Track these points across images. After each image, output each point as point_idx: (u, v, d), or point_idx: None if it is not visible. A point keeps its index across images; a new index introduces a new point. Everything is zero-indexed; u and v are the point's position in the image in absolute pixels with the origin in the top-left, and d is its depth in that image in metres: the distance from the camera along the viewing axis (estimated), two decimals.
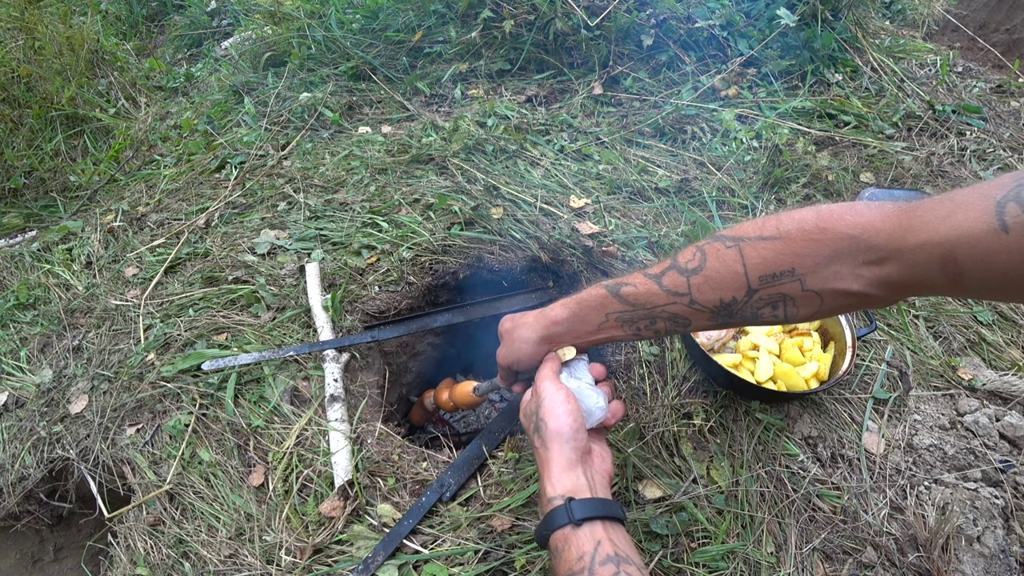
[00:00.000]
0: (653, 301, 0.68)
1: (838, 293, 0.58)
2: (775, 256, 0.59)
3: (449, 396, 1.24)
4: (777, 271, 0.60)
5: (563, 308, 0.76)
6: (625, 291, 0.70)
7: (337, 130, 1.81)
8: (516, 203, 1.46)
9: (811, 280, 0.58)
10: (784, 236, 0.59)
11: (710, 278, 0.63)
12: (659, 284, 0.67)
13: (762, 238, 0.61)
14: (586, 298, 0.74)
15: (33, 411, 1.20)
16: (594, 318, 0.74)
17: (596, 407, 0.75)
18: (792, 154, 1.52)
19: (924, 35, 2.24)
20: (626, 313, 0.71)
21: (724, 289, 0.63)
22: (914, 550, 0.90)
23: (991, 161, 1.60)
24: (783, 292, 0.60)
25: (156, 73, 2.38)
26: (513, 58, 1.90)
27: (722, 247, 0.63)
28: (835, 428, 1.04)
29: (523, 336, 0.79)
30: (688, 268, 0.65)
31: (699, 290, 0.64)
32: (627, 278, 0.71)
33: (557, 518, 0.63)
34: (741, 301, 0.63)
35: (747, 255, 0.61)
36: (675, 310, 0.67)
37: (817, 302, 0.60)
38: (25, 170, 1.86)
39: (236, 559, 0.94)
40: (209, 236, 1.48)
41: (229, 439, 1.07)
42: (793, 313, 0.62)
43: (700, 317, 0.66)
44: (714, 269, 0.63)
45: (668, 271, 0.67)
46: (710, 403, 1.04)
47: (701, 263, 0.64)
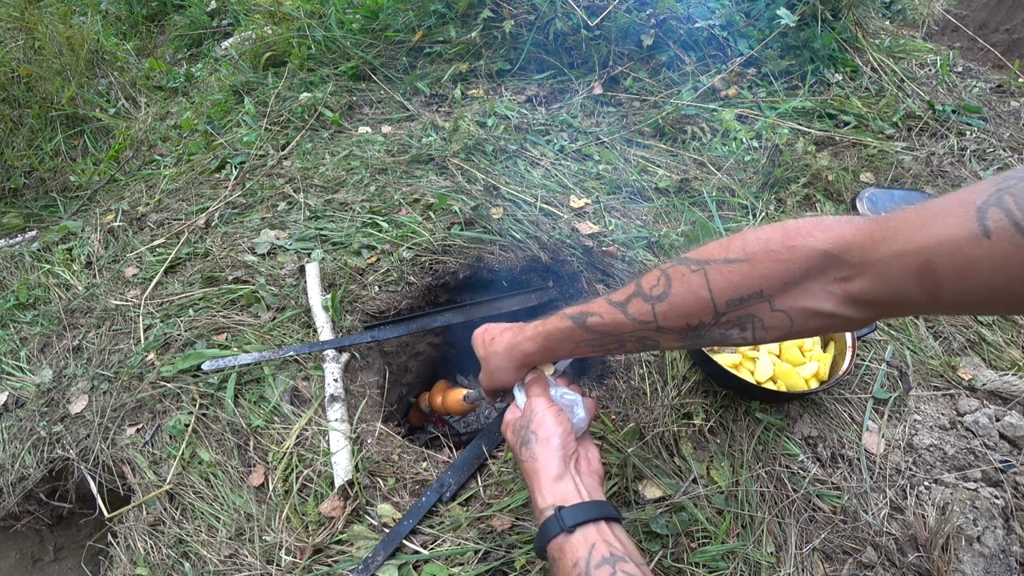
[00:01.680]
0: (619, 329, 0.67)
1: (809, 313, 0.56)
2: (741, 279, 0.58)
3: (442, 401, 1.24)
4: (744, 295, 0.58)
5: (532, 342, 0.76)
6: (591, 321, 0.69)
7: (337, 130, 1.81)
8: (516, 203, 1.46)
9: (780, 300, 0.57)
10: (750, 258, 0.57)
11: (675, 305, 0.62)
12: (624, 313, 0.66)
13: (727, 260, 0.59)
14: (553, 332, 0.74)
15: (33, 411, 1.20)
16: (564, 348, 0.75)
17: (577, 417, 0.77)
18: (792, 154, 1.52)
19: (924, 35, 2.24)
20: (594, 340, 0.71)
21: (690, 315, 0.61)
22: (914, 550, 0.90)
23: (991, 161, 1.60)
24: (751, 313, 0.59)
25: (156, 73, 2.38)
26: (513, 58, 1.90)
27: (687, 271, 0.61)
28: (835, 428, 1.04)
29: (497, 366, 0.81)
30: (653, 295, 0.63)
31: (664, 317, 0.63)
32: (591, 306, 0.70)
33: (550, 528, 0.64)
34: (708, 324, 0.61)
35: (712, 279, 0.59)
36: (642, 334, 0.66)
37: (787, 323, 0.58)
38: (25, 170, 1.86)
39: (236, 559, 0.94)
40: (209, 236, 1.48)
41: (229, 439, 1.07)
42: (762, 335, 0.60)
43: (668, 338, 0.66)
44: (679, 295, 0.61)
45: (633, 299, 0.65)
46: (710, 403, 1.04)
47: (666, 289, 0.62)
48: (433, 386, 1.45)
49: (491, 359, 0.82)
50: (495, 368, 0.81)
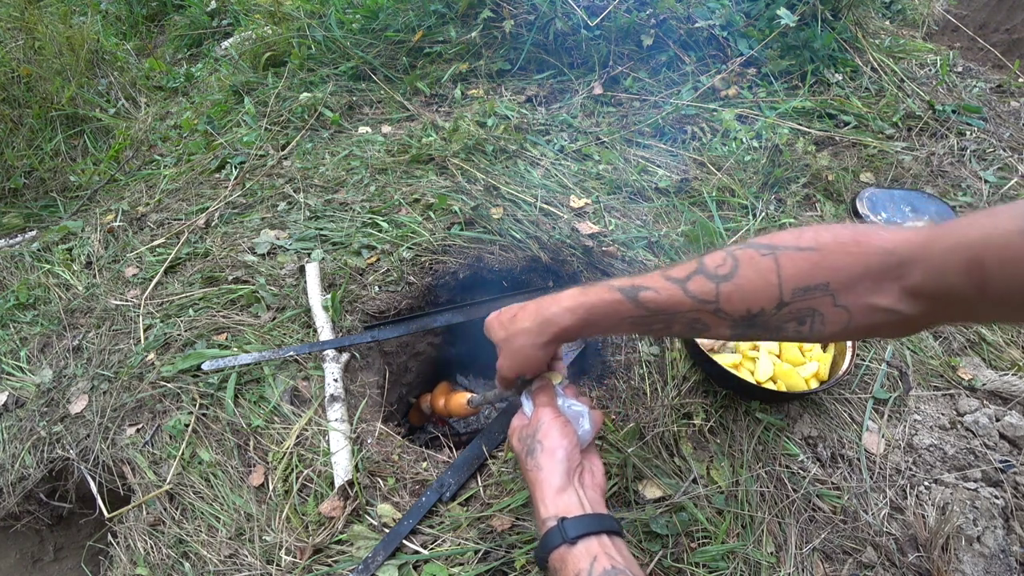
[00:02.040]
0: (675, 307, 0.63)
1: (867, 308, 0.56)
2: (811, 268, 0.57)
3: (444, 404, 1.24)
4: (811, 284, 0.57)
5: (570, 315, 0.69)
6: (644, 296, 0.64)
7: (337, 130, 1.81)
8: (516, 203, 1.46)
9: (842, 295, 0.56)
10: (821, 248, 0.57)
11: (741, 287, 0.60)
12: (684, 289, 0.62)
13: (799, 248, 0.58)
14: (597, 304, 0.67)
15: (33, 411, 1.20)
16: (606, 324, 0.69)
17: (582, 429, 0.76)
18: (792, 154, 1.52)
19: (924, 35, 2.24)
20: (642, 318, 0.65)
21: (754, 299, 0.59)
22: (914, 550, 0.90)
23: (991, 161, 1.61)
24: (813, 307, 0.58)
25: (156, 73, 2.38)
26: (513, 58, 1.90)
27: (756, 254, 0.60)
28: (835, 428, 1.04)
29: (524, 344, 0.72)
30: (718, 274, 0.61)
31: (728, 298, 0.60)
32: (643, 279, 0.65)
33: (552, 539, 0.63)
34: (769, 313, 0.59)
35: (783, 264, 0.58)
36: (696, 316, 0.63)
37: (845, 318, 0.57)
38: (25, 170, 1.86)
39: (236, 559, 0.94)
40: (209, 236, 1.48)
41: (229, 439, 1.07)
42: (819, 330, 0.59)
43: (721, 325, 0.63)
44: (747, 277, 0.59)
45: (694, 275, 0.62)
46: (710, 403, 1.04)
47: (732, 270, 0.60)
48: (435, 388, 1.45)
49: (516, 338, 0.73)
50: (520, 347, 0.73)
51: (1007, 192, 1.51)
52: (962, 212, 1.45)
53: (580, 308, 0.69)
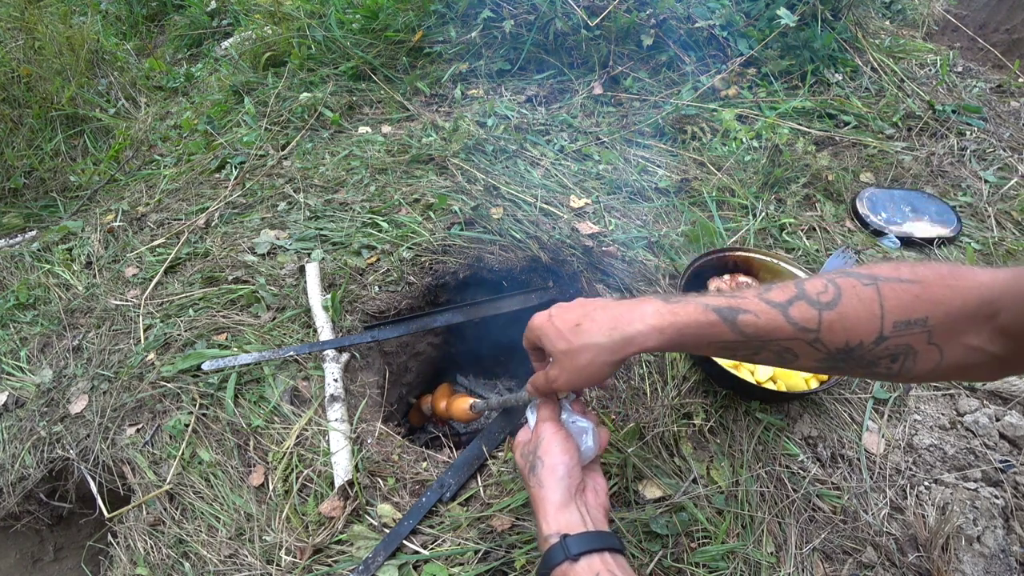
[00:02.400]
0: (773, 334, 0.59)
1: (959, 346, 0.54)
2: (912, 300, 0.55)
3: (446, 407, 1.24)
4: (912, 318, 0.55)
5: (658, 335, 0.62)
6: (743, 319, 0.59)
7: (337, 130, 1.81)
8: (516, 203, 1.46)
9: (938, 332, 0.54)
10: (921, 280, 0.55)
11: (844, 316, 0.57)
12: (785, 315, 0.58)
13: (900, 280, 0.56)
14: (691, 324, 0.61)
15: (33, 411, 1.20)
16: (692, 345, 0.63)
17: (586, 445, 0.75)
18: (792, 154, 1.52)
19: (924, 35, 2.24)
20: (735, 343, 0.61)
21: (855, 331, 0.57)
22: (914, 550, 0.90)
23: (991, 161, 1.61)
24: (909, 343, 0.55)
25: (156, 73, 2.38)
26: (513, 58, 1.90)
27: (858, 283, 0.57)
28: (835, 428, 1.04)
29: (593, 360, 0.64)
30: (821, 301, 0.58)
31: (829, 328, 0.57)
32: (740, 301, 0.61)
33: (554, 556, 0.63)
34: (867, 347, 0.57)
35: (885, 295, 0.56)
36: (790, 345, 0.59)
37: (937, 357, 0.55)
38: (25, 170, 1.86)
39: (236, 559, 0.94)
40: (209, 236, 1.48)
41: (229, 439, 1.07)
42: (909, 368, 0.57)
43: (812, 357, 0.59)
44: (850, 306, 0.57)
45: (796, 301, 0.59)
46: (710, 403, 1.04)
47: (835, 298, 0.57)
48: (435, 389, 1.45)
49: (582, 353, 0.65)
50: (587, 364, 0.65)
51: (1007, 192, 1.51)
52: (962, 212, 1.45)
53: (670, 328, 0.62)
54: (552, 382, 0.70)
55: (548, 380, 0.71)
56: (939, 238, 1.36)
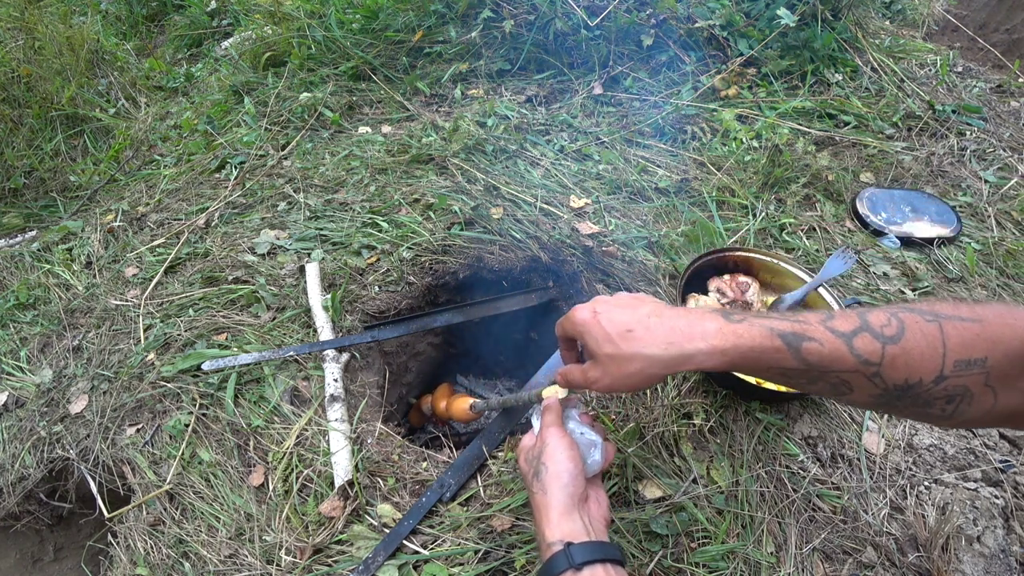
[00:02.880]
0: (835, 365, 0.57)
1: (1013, 390, 0.53)
2: (974, 339, 0.54)
3: (446, 407, 1.24)
4: (972, 357, 0.54)
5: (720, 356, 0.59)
6: (808, 347, 0.57)
7: (337, 130, 1.81)
8: (516, 203, 1.46)
9: (995, 374, 0.53)
10: (981, 319, 0.54)
11: (908, 351, 0.55)
12: (849, 346, 0.57)
13: (961, 318, 0.55)
14: (755, 348, 0.59)
15: (33, 411, 1.20)
16: (751, 369, 0.61)
17: (592, 459, 0.75)
18: (792, 154, 1.52)
19: (924, 35, 2.24)
20: (795, 370, 0.59)
21: (916, 368, 0.55)
22: (914, 550, 0.90)
23: (991, 161, 1.61)
24: (966, 384, 0.54)
25: (156, 73, 2.38)
26: (513, 58, 1.90)
27: (921, 320, 0.56)
28: (835, 428, 1.04)
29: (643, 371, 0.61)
30: (885, 335, 0.56)
31: (891, 363, 0.55)
32: (805, 327, 0.58)
33: (557, 564, 0.62)
34: (926, 386, 0.55)
35: (948, 333, 0.55)
36: (849, 378, 0.57)
37: (991, 401, 0.54)
38: (25, 170, 1.86)
39: (236, 559, 0.94)
40: (209, 236, 1.48)
41: (229, 439, 1.07)
42: (963, 411, 0.56)
43: (868, 392, 0.58)
44: (914, 342, 0.55)
45: (860, 333, 0.57)
46: (710, 403, 1.04)
47: (899, 331, 0.56)
48: (435, 390, 1.45)
49: (631, 362, 0.61)
50: (636, 373, 0.62)
51: (1007, 192, 1.51)
52: (962, 212, 1.45)
53: (734, 351, 0.59)
54: (592, 383, 0.67)
55: (587, 380, 0.68)
56: (939, 238, 1.36)
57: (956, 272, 1.30)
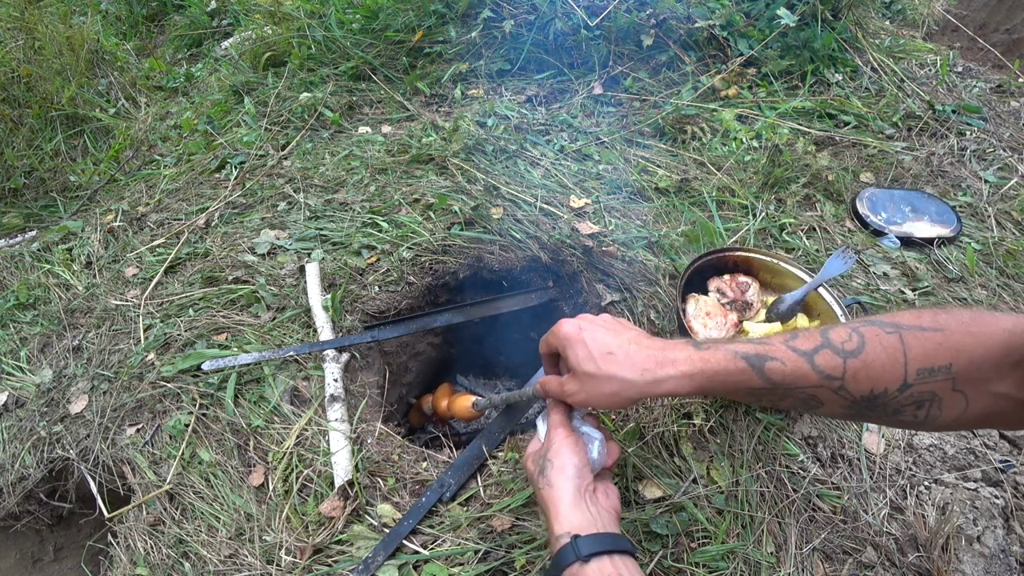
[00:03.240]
0: (799, 382, 0.60)
1: (985, 393, 0.55)
2: (935, 348, 0.56)
3: (448, 406, 1.24)
4: (935, 365, 0.56)
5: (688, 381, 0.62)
6: (771, 367, 0.61)
7: (337, 130, 1.81)
8: (516, 203, 1.46)
9: (962, 379, 0.55)
10: (943, 328, 0.57)
11: (869, 364, 0.58)
12: (811, 364, 0.60)
13: (921, 328, 0.57)
14: (720, 372, 0.62)
15: (33, 411, 1.20)
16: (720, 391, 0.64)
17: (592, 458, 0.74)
18: (792, 154, 1.52)
19: (924, 35, 2.24)
20: (762, 390, 0.62)
21: (880, 379, 0.58)
22: (914, 550, 0.90)
23: (991, 161, 1.61)
24: (933, 390, 0.57)
25: (156, 73, 2.38)
26: (513, 58, 1.90)
27: (881, 332, 0.59)
28: (835, 428, 1.04)
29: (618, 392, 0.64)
30: (845, 349, 0.59)
31: (854, 376, 0.58)
32: (767, 348, 0.62)
33: (565, 556, 0.62)
34: (891, 395, 0.58)
35: (908, 343, 0.57)
36: (815, 393, 0.60)
37: (963, 405, 0.57)
38: (25, 170, 1.86)
39: (236, 559, 0.94)
40: (209, 236, 1.48)
41: (229, 439, 1.07)
42: (935, 415, 0.58)
43: (837, 404, 0.61)
44: (874, 354, 0.58)
45: (821, 350, 0.60)
46: (710, 403, 1.04)
47: (859, 346, 0.59)
48: (436, 389, 1.45)
49: (608, 383, 0.64)
50: (611, 395, 0.65)
51: (1007, 192, 1.51)
52: (962, 212, 1.45)
53: (700, 376, 0.63)
54: (566, 396, 0.70)
55: (563, 392, 0.70)
56: (939, 238, 1.36)
57: (956, 272, 1.30)
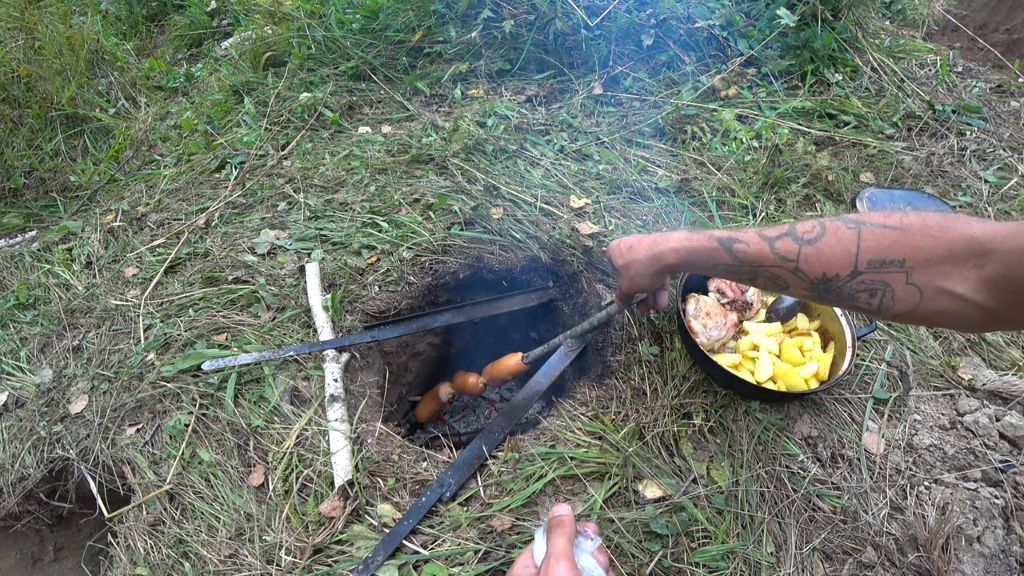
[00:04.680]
0: (760, 261, 0.71)
1: (940, 292, 0.58)
2: (890, 244, 0.61)
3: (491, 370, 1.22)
4: (887, 259, 0.61)
5: (675, 254, 0.82)
6: (737, 247, 0.73)
7: (337, 130, 1.81)
8: (516, 203, 1.46)
9: (917, 274, 0.59)
10: (905, 228, 0.60)
11: (821, 251, 0.65)
12: (771, 246, 0.70)
13: (884, 225, 0.62)
14: (697, 248, 0.79)
15: (33, 411, 1.20)
16: (703, 266, 0.80)
17: None
18: (792, 154, 1.52)
19: (924, 35, 2.24)
20: (732, 266, 0.75)
21: (830, 264, 0.65)
22: (914, 550, 0.90)
23: (991, 161, 1.61)
24: (885, 280, 0.61)
25: (156, 73, 2.38)
26: (513, 58, 1.90)
27: (843, 226, 0.65)
28: (835, 428, 1.04)
29: (638, 272, 0.89)
30: (804, 238, 0.67)
31: (807, 260, 0.66)
32: (741, 234, 0.74)
33: None
34: (843, 279, 0.64)
35: (864, 238, 0.62)
36: (778, 272, 0.70)
37: (916, 298, 0.60)
38: (25, 170, 1.86)
39: (236, 559, 0.94)
40: (209, 236, 1.48)
41: (229, 439, 1.07)
42: (888, 305, 0.63)
43: (799, 284, 0.69)
44: (828, 244, 0.65)
45: (783, 237, 0.69)
46: (710, 403, 1.04)
47: (817, 236, 0.66)
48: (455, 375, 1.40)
49: (631, 266, 0.90)
50: (635, 274, 0.90)
51: (1007, 192, 1.51)
52: (962, 212, 1.45)
53: (683, 250, 0.82)
54: (621, 288, 0.97)
55: (620, 288, 0.97)
56: None
57: None
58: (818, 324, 1.12)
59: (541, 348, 1.13)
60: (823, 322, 1.11)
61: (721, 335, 1.07)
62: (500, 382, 1.26)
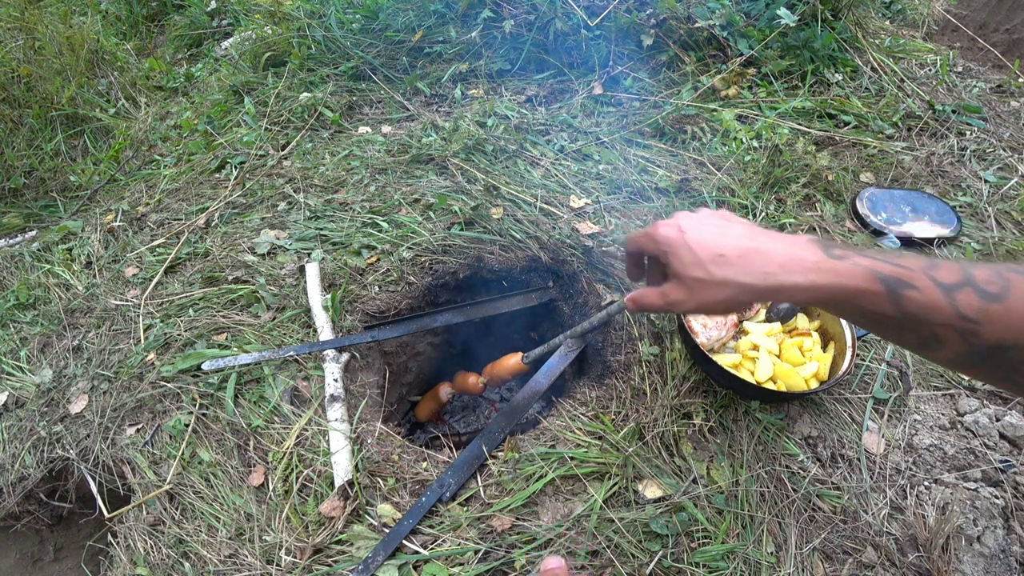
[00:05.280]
0: (932, 317, 0.54)
1: None
2: None
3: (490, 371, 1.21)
4: None
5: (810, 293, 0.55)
6: (907, 295, 0.54)
7: (337, 130, 1.81)
8: (516, 203, 1.46)
9: None
10: None
11: (1011, 311, 0.52)
12: (950, 299, 0.53)
13: None
14: (851, 288, 0.55)
15: (33, 411, 1.20)
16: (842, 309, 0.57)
17: None
18: (792, 154, 1.52)
19: (924, 35, 2.24)
20: (884, 317, 0.55)
21: (1016, 330, 0.52)
22: (914, 550, 0.90)
23: (991, 161, 1.61)
24: None
25: (156, 73, 2.38)
26: (513, 58, 1.90)
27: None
28: (835, 428, 1.04)
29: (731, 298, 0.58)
30: (988, 291, 0.53)
31: (991, 321, 0.52)
32: (906, 273, 0.54)
33: None
34: (1021, 349, 0.52)
35: None
36: (941, 332, 0.54)
37: None
38: (25, 170, 1.86)
39: (236, 559, 0.94)
40: (209, 236, 1.48)
41: (229, 439, 1.07)
42: None
43: (956, 349, 0.55)
44: (1017, 303, 0.52)
45: (963, 287, 0.53)
46: (710, 403, 1.04)
47: (1003, 291, 0.52)
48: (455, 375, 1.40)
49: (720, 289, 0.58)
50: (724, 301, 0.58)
51: (1007, 192, 1.51)
52: (962, 212, 1.45)
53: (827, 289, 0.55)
54: (672, 305, 0.61)
55: (668, 302, 0.62)
56: (939, 238, 1.36)
57: None
58: (818, 324, 1.12)
59: (541, 348, 1.09)
60: (823, 322, 1.11)
61: (721, 335, 1.07)
62: (500, 382, 1.26)
